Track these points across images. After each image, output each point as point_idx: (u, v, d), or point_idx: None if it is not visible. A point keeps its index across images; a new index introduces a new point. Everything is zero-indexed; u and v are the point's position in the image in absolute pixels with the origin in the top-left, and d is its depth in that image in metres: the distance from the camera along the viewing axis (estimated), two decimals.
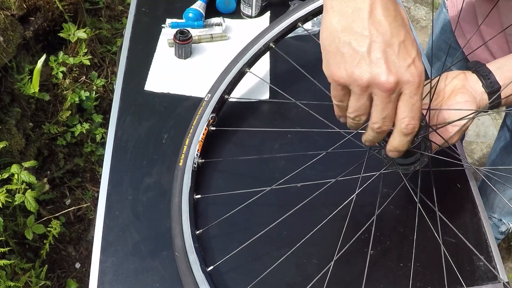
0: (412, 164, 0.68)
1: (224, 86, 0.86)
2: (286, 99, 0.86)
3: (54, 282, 1.53)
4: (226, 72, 0.87)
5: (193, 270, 0.68)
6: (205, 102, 0.85)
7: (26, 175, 1.35)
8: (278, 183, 0.76)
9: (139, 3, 1.13)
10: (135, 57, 1.01)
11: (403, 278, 0.73)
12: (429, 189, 0.72)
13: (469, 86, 0.69)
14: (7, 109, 1.53)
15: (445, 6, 1.14)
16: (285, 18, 0.88)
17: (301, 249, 0.70)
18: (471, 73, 0.71)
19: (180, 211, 0.74)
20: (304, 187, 0.75)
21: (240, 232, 0.76)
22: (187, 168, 0.78)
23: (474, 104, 0.68)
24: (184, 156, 0.79)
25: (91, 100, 1.79)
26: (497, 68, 0.69)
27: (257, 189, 0.74)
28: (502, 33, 0.94)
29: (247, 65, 0.88)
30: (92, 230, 1.66)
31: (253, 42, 0.89)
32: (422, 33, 2.72)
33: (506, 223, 1.33)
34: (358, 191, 0.69)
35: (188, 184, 0.77)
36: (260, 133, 0.90)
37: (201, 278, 0.68)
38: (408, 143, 0.57)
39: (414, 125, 0.54)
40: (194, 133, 0.82)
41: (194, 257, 0.69)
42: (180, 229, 0.72)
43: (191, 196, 0.76)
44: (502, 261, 0.76)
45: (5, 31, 1.51)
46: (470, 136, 2.33)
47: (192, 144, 0.81)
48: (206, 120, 0.83)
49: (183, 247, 0.70)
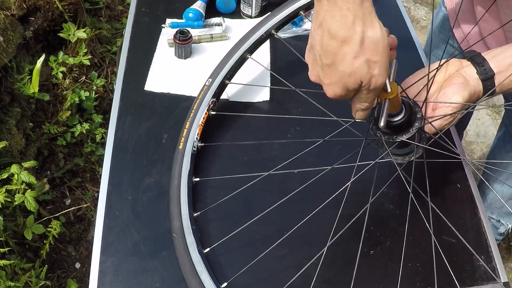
0: (407, 155, 0.69)
1: (225, 71, 0.87)
2: (286, 87, 0.87)
3: (54, 282, 1.53)
4: (227, 57, 0.89)
5: (190, 251, 0.70)
6: (206, 87, 0.86)
7: (26, 175, 1.35)
8: (275, 169, 0.77)
9: (139, 3, 1.13)
10: (135, 57, 1.01)
11: (403, 278, 0.72)
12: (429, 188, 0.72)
13: (464, 72, 0.71)
14: (7, 109, 1.53)
15: (443, 5, 1.15)
16: (287, 6, 0.88)
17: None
18: (466, 60, 0.72)
19: (179, 194, 0.75)
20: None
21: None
22: (187, 152, 0.79)
23: (468, 87, 0.69)
24: (184, 139, 0.81)
25: (91, 100, 1.79)
26: (492, 57, 0.70)
27: (254, 174, 0.76)
28: (501, 29, 0.94)
29: (248, 51, 0.89)
30: (92, 230, 1.66)
31: (254, 29, 0.89)
32: (422, 33, 2.72)
33: (504, 224, 1.33)
34: (353, 179, 0.70)
35: (188, 167, 0.78)
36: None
37: (198, 259, 0.69)
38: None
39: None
40: (195, 117, 0.83)
41: (192, 238, 0.71)
42: (179, 211, 0.73)
43: (190, 179, 0.78)
44: (502, 261, 0.76)
45: (5, 31, 1.51)
46: (470, 136, 2.33)
47: (192, 128, 0.82)
48: (206, 105, 0.84)
49: (181, 228, 0.72)
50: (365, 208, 0.71)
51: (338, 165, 0.74)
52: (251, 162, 0.85)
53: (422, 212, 0.71)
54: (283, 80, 0.88)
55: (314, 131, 0.89)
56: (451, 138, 0.90)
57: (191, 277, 0.68)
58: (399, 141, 0.66)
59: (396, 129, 0.65)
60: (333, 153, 0.84)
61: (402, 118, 0.64)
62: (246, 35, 0.90)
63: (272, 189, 0.81)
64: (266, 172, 0.76)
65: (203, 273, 0.68)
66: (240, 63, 0.89)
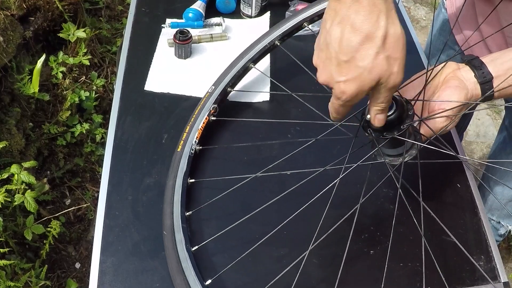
0: (400, 156, 0.68)
1: (228, 79, 0.90)
2: (284, 92, 0.88)
3: (54, 282, 1.53)
4: (231, 66, 0.91)
5: (178, 248, 0.71)
6: (209, 93, 0.88)
7: (26, 175, 1.35)
8: (265, 169, 0.77)
9: (139, 3, 1.13)
10: (135, 57, 1.01)
11: (403, 278, 0.73)
12: (428, 188, 0.72)
13: (461, 75, 0.70)
14: (7, 109, 1.53)
15: (444, 6, 1.15)
16: (292, 18, 0.91)
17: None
18: (464, 64, 0.71)
19: (173, 193, 0.76)
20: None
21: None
22: (185, 154, 0.81)
23: (464, 90, 0.68)
24: (183, 142, 0.82)
25: (91, 100, 1.79)
26: (491, 61, 0.70)
27: (246, 175, 0.76)
28: (501, 33, 0.94)
29: (252, 61, 0.91)
30: (92, 230, 1.66)
31: (259, 39, 0.92)
32: (422, 33, 2.72)
33: (505, 225, 1.33)
34: (341, 176, 0.70)
35: (184, 168, 0.80)
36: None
37: (185, 256, 0.70)
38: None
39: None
40: (195, 121, 0.85)
41: (181, 236, 0.72)
42: (171, 210, 0.75)
43: (185, 180, 0.79)
44: (502, 261, 0.76)
45: (5, 31, 1.51)
46: (470, 136, 2.33)
47: (192, 131, 0.84)
48: (207, 110, 0.86)
49: (171, 226, 0.73)
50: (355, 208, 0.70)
51: (330, 167, 0.74)
52: (247, 164, 0.85)
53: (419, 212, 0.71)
54: (282, 87, 0.89)
55: (310, 133, 0.89)
56: (451, 138, 0.90)
57: (176, 273, 0.68)
58: (390, 138, 0.66)
59: (387, 126, 0.65)
60: (327, 155, 0.84)
61: (392, 114, 0.64)
62: (251, 45, 0.93)
63: (266, 190, 0.82)
64: (258, 173, 0.77)
65: (188, 269, 0.68)
66: (243, 72, 0.92)
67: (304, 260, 0.67)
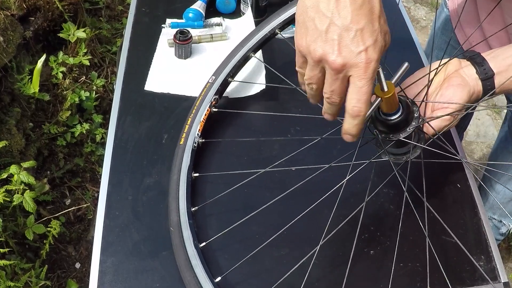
0: (404, 154, 0.69)
1: (229, 69, 0.88)
2: (287, 85, 0.88)
3: (54, 282, 1.53)
4: (231, 56, 0.90)
5: (186, 245, 0.70)
6: (209, 84, 0.87)
7: (25, 175, 1.35)
8: (273, 166, 0.77)
9: (139, 3, 1.13)
10: (135, 57, 1.01)
11: (403, 278, 0.73)
12: (428, 187, 0.72)
13: (463, 72, 0.70)
14: (7, 109, 1.53)
15: (446, 6, 1.14)
16: (291, 6, 0.90)
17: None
18: (466, 60, 0.71)
19: (178, 188, 0.75)
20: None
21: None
22: (187, 147, 0.80)
23: (467, 87, 0.68)
24: (186, 135, 0.81)
25: (91, 100, 1.79)
26: (492, 57, 0.70)
27: (252, 170, 0.76)
28: (505, 31, 0.94)
29: (252, 50, 0.90)
30: (92, 230, 1.66)
31: (259, 28, 0.91)
32: (422, 33, 2.72)
33: (506, 224, 1.33)
34: (348, 177, 0.70)
35: (187, 162, 0.79)
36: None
37: (193, 253, 0.69)
38: (358, 127, 0.59)
39: (360, 108, 0.57)
40: (197, 113, 0.84)
41: (188, 233, 0.71)
42: (177, 205, 0.74)
43: (189, 174, 0.78)
44: (502, 261, 0.76)
45: (5, 31, 1.51)
46: (470, 136, 2.33)
47: (193, 124, 0.83)
48: (209, 101, 0.85)
49: (178, 222, 0.72)
50: (361, 206, 0.71)
51: (335, 163, 0.74)
52: (251, 159, 0.85)
53: (422, 212, 0.71)
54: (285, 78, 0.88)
55: (314, 130, 0.89)
56: (451, 138, 0.90)
57: (186, 270, 0.68)
58: (396, 140, 0.66)
59: (393, 128, 0.65)
60: (332, 152, 0.84)
61: (399, 117, 0.64)
62: (251, 34, 0.91)
63: (271, 187, 0.81)
64: (263, 169, 0.77)
65: (197, 266, 0.68)
66: (243, 61, 0.90)
67: (314, 257, 0.67)
